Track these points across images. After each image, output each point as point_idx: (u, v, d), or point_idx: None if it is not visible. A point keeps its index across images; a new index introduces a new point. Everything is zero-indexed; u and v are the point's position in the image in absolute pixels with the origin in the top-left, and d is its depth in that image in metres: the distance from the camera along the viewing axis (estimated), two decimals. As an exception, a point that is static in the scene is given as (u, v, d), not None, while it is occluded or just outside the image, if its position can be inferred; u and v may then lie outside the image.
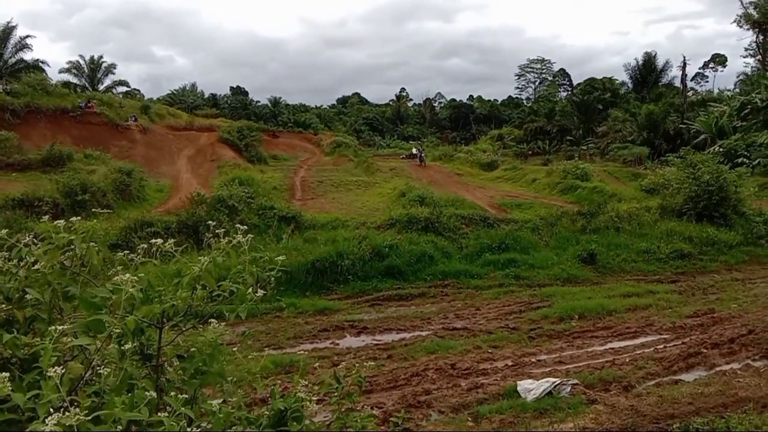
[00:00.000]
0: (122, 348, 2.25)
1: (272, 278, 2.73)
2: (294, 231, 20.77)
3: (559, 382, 10.04)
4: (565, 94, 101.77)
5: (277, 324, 14.33)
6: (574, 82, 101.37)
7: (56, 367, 1.94)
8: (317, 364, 11.20)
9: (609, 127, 61.65)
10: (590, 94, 72.85)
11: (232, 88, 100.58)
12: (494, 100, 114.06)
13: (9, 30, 50.89)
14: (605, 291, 17.16)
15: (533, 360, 11.77)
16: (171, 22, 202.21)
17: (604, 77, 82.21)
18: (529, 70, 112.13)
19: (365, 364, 3.22)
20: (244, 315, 2.64)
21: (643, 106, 58.56)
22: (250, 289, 2.59)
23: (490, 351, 12.26)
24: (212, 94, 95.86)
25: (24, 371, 2.15)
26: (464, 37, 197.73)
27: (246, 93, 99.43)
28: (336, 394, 2.85)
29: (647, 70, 77.14)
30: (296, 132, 65.21)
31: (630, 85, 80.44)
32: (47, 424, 1.77)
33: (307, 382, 2.84)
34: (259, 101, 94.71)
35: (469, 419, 9.09)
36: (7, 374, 1.94)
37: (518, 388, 9.98)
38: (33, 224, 17.19)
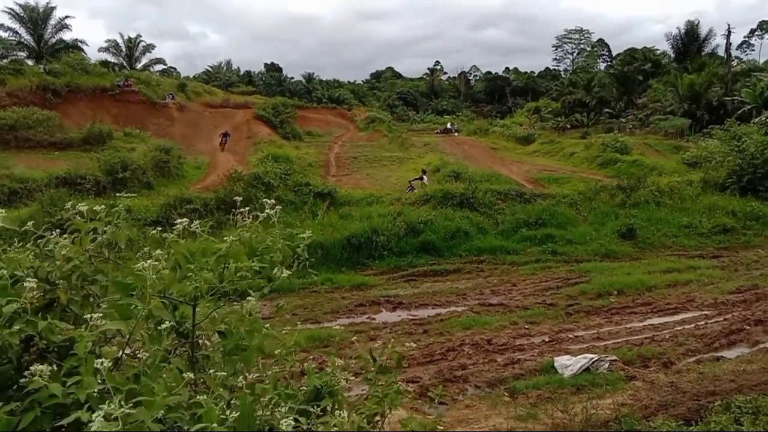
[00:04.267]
0: (157, 329, 2.29)
1: (304, 252, 2.73)
2: (329, 207, 20.88)
3: (597, 358, 9.99)
4: (604, 65, 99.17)
5: (314, 299, 14.54)
6: (614, 53, 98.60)
7: (103, 360, 1.96)
8: (354, 338, 11.40)
9: (649, 99, 60.02)
10: (630, 65, 70.65)
11: (266, 65, 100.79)
12: (531, 72, 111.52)
13: (49, 11, 51.74)
14: (645, 266, 16.92)
15: (570, 336, 11.72)
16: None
17: (644, 47, 79.74)
18: (566, 40, 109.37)
19: (406, 344, 3.24)
20: (267, 291, 2.66)
21: (685, 77, 56.76)
22: (276, 268, 2.61)
23: (526, 327, 12.25)
24: (247, 71, 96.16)
25: (61, 358, 2.19)
26: (501, 7, 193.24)
27: (280, 69, 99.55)
28: (372, 370, 2.88)
29: (689, 39, 74.45)
30: (330, 108, 65.18)
31: (672, 55, 77.95)
32: (94, 422, 1.78)
33: (341, 360, 2.88)
34: (293, 77, 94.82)
35: (506, 394, 9.13)
36: (43, 367, 1.97)
37: (555, 364, 9.96)
38: (76, 202, 17.60)
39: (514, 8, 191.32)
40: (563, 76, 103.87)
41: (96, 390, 1.95)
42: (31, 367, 1.99)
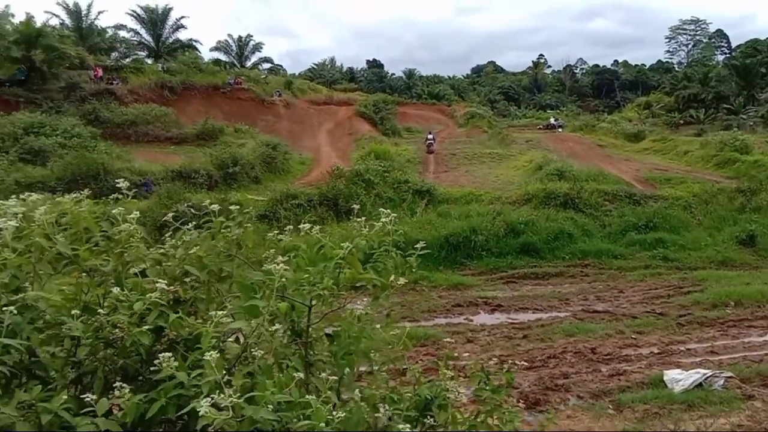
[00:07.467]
0: (274, 329, 2.43)
1: (415, 263, 2.86)
2: (428, 205, 20.94)
3: (710, 373, 9.42)
4: (722, 57, 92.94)
5: (412, 297, 14.59)
6: (733, 44, 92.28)
7: (212, 352, 2.12)
8: (452, 339, 11.37)
9: (774, 94, 55.66)
10: (752, 57, 65.87)
11: (368, 62, 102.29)
12: (641, 64, 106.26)
13: (167, 12, 55.09)
14: (766, 276, 15.77)
15: (682, 348, 11.13)
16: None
17: (768, 38, 74.12)
18: (681, 31, 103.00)
19: (517, 362, 3.20)
20: (387, 301, 2.86)
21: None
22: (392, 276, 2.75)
23: (633, 337, 11.75)
24: (350, 68, 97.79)
25: (188, 350, 2.37)
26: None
27: (381, 65, 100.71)
28: (487, 388, 2.89)
29: (823, 28, 68.42)
30: (430, 104, 65.14)
31: (801, 46, 71.86)
32: (202, 407, 1.94)
33: (452, 373, 2.90)
34: (394, 74, 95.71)
35: (610, 407, 8.79)
36: (170, 354, 2.17)
37: (665, 378, 9.48)
38: (191, 195, 18.69)
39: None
40: (677, 69, 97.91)
41: (215, 381, 2.08)
42: (159, 355, 2.17)
